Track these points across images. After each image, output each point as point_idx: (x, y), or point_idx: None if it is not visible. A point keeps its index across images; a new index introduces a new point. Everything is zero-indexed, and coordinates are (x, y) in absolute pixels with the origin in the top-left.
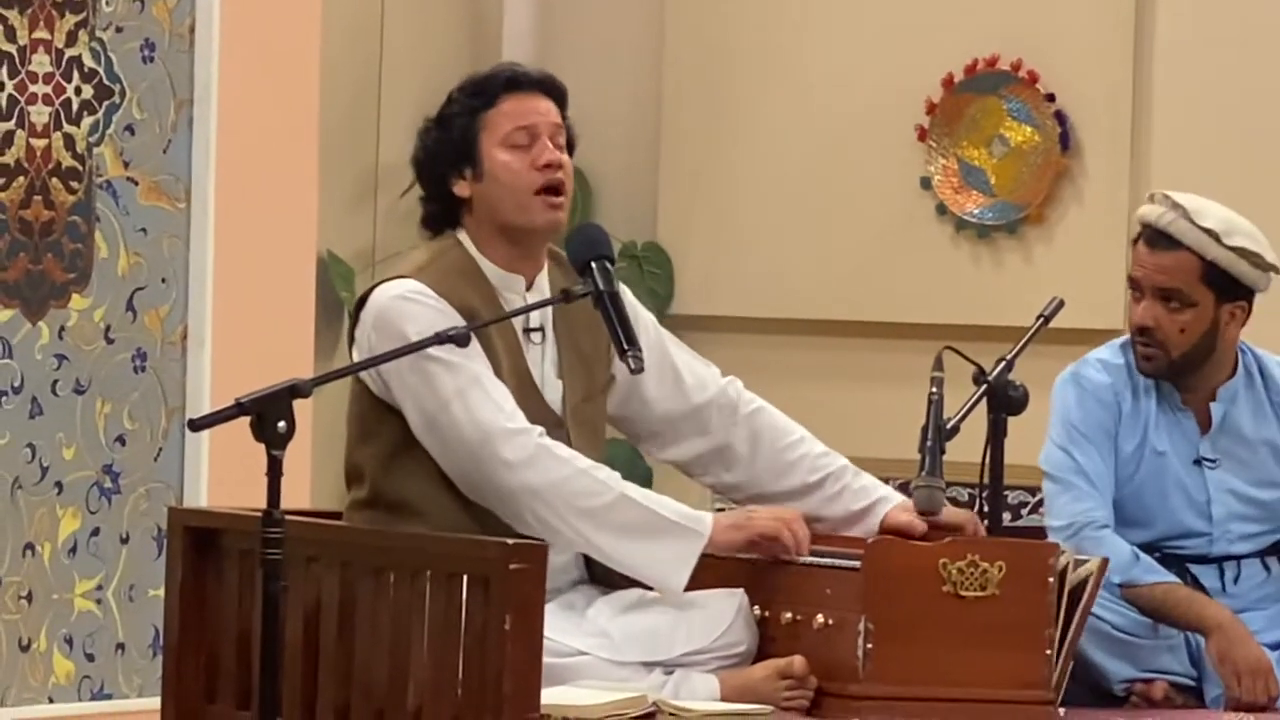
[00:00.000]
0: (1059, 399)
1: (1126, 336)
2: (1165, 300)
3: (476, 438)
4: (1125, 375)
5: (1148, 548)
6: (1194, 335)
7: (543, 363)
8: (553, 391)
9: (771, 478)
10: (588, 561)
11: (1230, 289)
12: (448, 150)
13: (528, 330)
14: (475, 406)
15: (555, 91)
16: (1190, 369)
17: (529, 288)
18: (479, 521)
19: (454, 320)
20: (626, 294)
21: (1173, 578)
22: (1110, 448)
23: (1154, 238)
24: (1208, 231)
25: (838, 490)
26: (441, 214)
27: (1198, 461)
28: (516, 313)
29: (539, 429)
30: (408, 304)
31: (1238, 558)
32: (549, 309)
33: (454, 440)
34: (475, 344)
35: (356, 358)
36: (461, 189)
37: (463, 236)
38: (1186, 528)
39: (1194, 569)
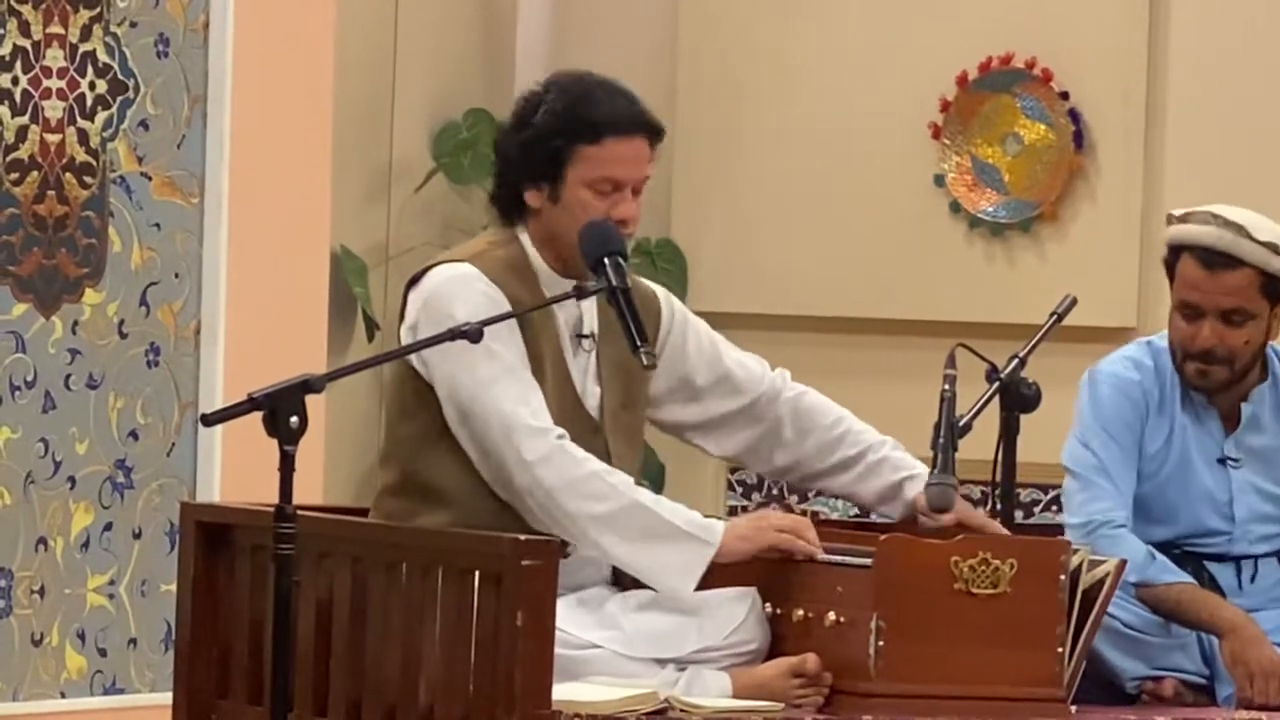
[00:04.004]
0: (1087, 395)
1: (1153, 338)
2: (1227, 320)
3: (500, 430)
4: (1153, 374)
5: (1167, 544)
6: (1255, 345)
7: (586, 369)
8: (592, 398)
9: (818, 457)
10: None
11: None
12: (531, 160)
13: (579, 336)
14: (503, 398)
15: (655, 136)
16: (1241, 377)
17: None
18: (508, 511)
19: (503, 307)
20: (676, 304)
21: (1188, 578)
22: (1135, 447)
23: (1211, 259)
24: (1268, 245)
25: (877, 460)
26: (508, 202)
27: (1221, 461)
28: (530, 309)
29: (559, 430)
30: (460, 286)
31: (1255, 557)
32: (596, 316)
33: (480, 430)
34: (518, 338)
35: (404, 336)
36: (532, 199)
37: (523, 234)
38: (1207, 527)
39: (1211, 567)
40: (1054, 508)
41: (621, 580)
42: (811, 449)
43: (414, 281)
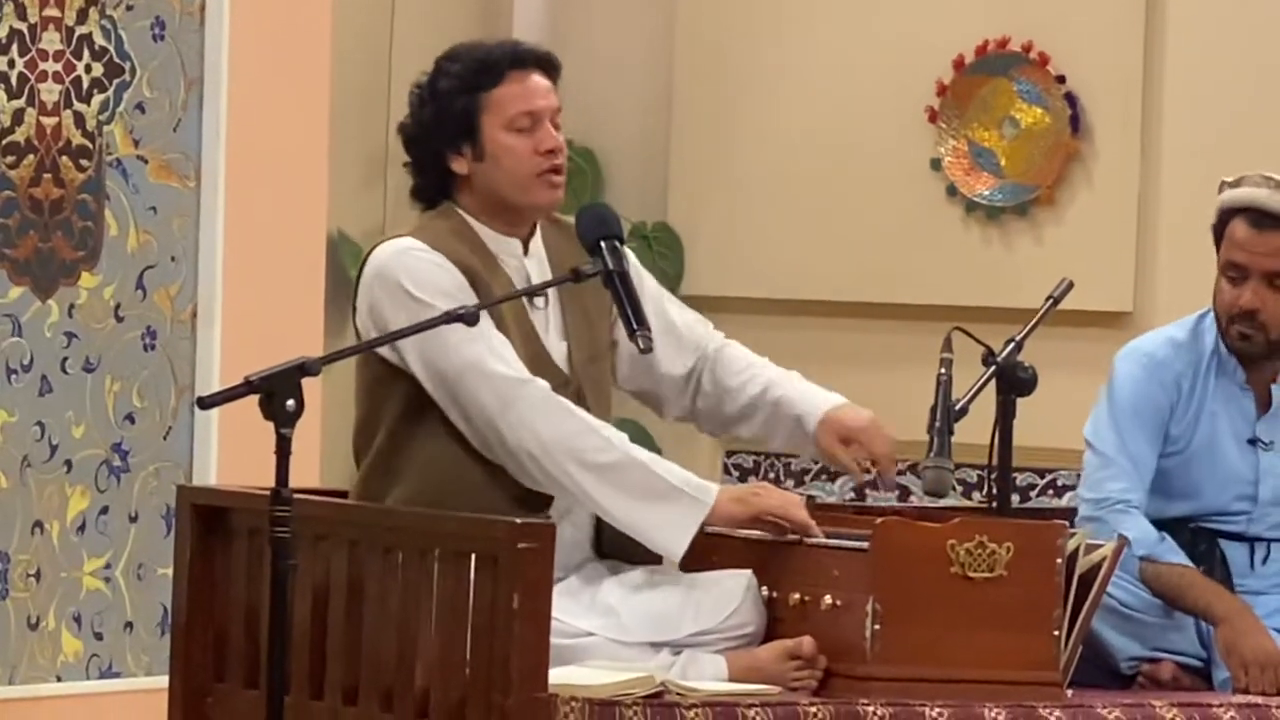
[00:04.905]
0: (1121, 373)
1: (1201, 313)
2: (1271, 282)
3: (490, 391)
4: (1191, 354)
5: (1184, 520)
6: None
7: (547, 327)
8: (559, 354)
9: (730, 401)
10: (597, 538)
11: None
12: (446, 127)
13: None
14: (489, 363)
15: (553, 70)
16: None
17: (525, 251)
18: (486, 486)
19: (452, 273)
20: (629, 256)
21: (1191, 564)
22: (1160, 430)
23: (1260, 220)
24: None
25: (777, 399)
26: (434, 186)
27: (1252, 441)
28: (529, 291)
29: (545, 382)
30: (405, 257)
31: (1270, 540)
32: (547, 275)
33: (468, 397)
34: (483, 313)
35: (359, 322)
36: (459, 165)
37: (457, 207)
38: (1228, 506)
39: (1224, 545)
40: (1050, 491)
41: (608, 553)
42: (723, 395)
43: (362, 269)
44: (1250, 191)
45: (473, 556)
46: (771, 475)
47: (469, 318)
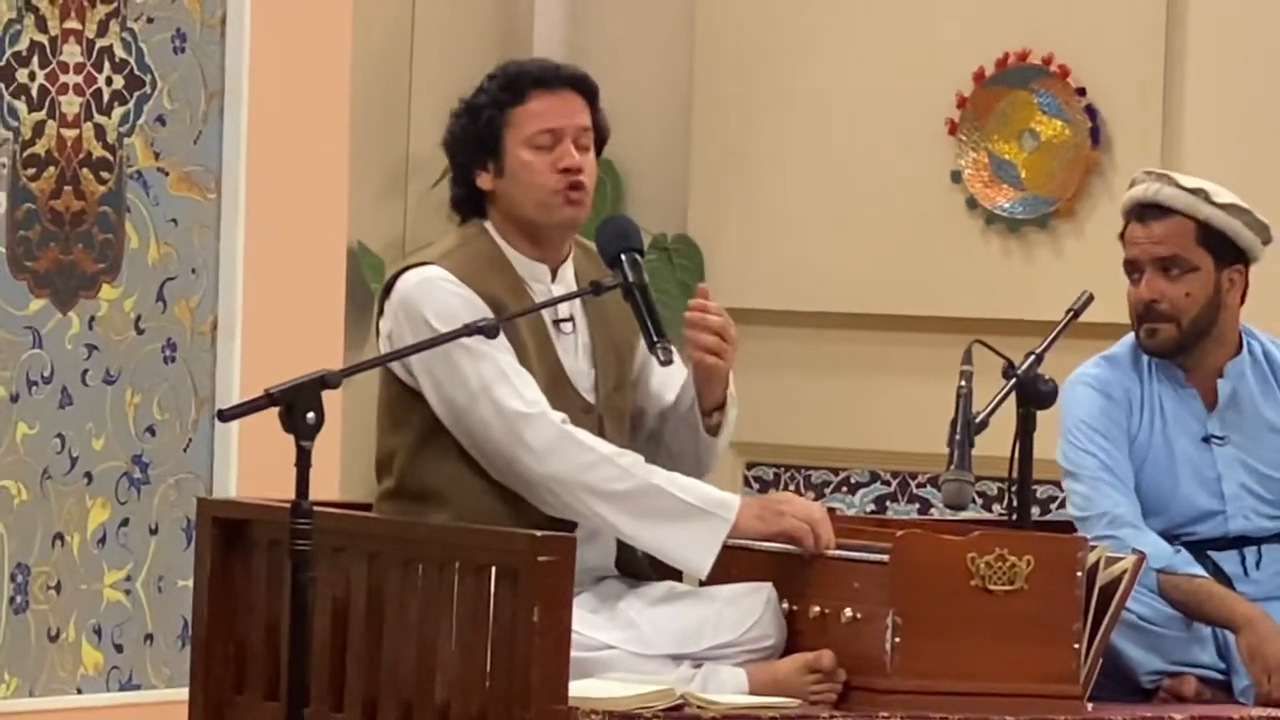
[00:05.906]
0: (1070, 401)
1: (1130, 334)
2: (1165, 270)
3: (502, 427)
4: (1130, 365)
5: (1164, 537)
6: (1199, 300)
7: (575, 351)
8: (585, 380)
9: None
10: (618, 554)
11: (1227, 253)
12: (472, 141)
13: (557, 321)
14: (501, 396)
15: (586, 90)
16: (1196, 340)
17: (554, 277)
18: (510, 506)
19: (477, 306)
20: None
21: (1207, 575)
22: (1126, 443)
23: (1143, 212)
24: (1195, 191)
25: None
26: (467, 200)
27: (1206, 439)
28: (546, 304)
29: (561, 415)
30: (430, 287)
31: (1257, 541)
32: (576, 302)
33: (479, 430)
34: (501, 333)
35: (381, 345)
36: (484, 181)
37: (489, 225)
38: (1199, 508)
39: (1214, 555)
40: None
41: (624, 566)
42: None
43: (386, 290)
44: (1133, 190)
45: (493, 569)
46: (791, 487)
47: (489, 330)
